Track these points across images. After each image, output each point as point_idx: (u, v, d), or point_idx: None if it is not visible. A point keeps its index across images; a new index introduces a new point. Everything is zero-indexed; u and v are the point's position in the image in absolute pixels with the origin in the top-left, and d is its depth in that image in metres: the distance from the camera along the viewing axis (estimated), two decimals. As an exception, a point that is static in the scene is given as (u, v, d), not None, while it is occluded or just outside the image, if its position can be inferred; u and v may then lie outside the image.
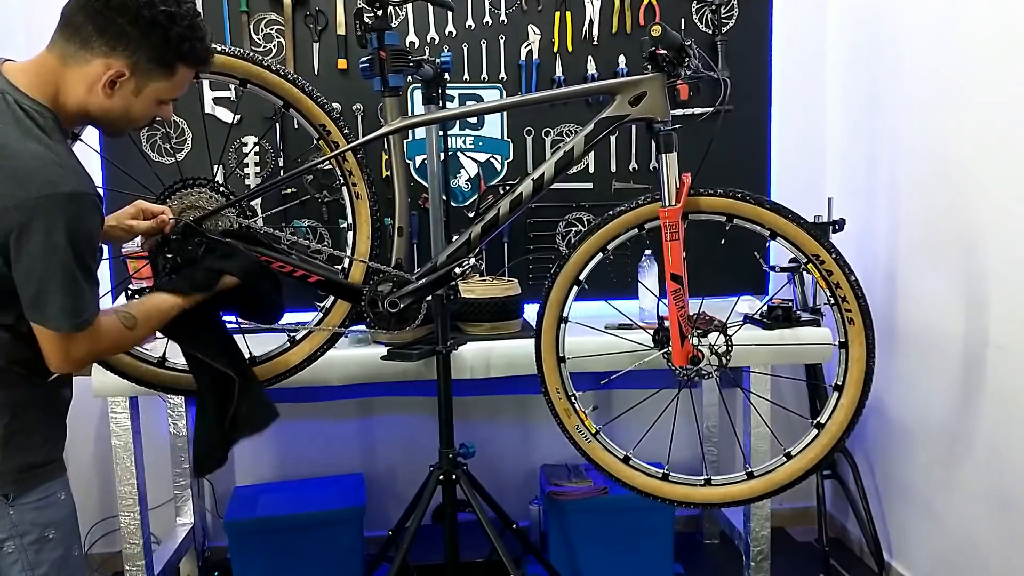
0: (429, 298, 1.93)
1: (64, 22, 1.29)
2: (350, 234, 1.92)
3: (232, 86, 1.95)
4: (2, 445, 1.32)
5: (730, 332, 1.80)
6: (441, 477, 2.13)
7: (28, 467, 1.34)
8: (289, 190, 2.65)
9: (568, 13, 2.74)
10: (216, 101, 2.63)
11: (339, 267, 1.91)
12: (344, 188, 1.88)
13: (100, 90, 1.30)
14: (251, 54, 1.77)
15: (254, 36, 2.63)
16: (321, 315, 1.93)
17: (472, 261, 1.82)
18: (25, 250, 1.21)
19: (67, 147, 1.31)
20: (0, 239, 1.21)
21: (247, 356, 1.85)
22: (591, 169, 2.81)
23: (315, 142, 1.87)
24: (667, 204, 1.73)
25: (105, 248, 1.52)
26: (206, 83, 2.58)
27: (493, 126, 2.78)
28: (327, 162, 1.86)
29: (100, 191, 1.34)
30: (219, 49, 1.68)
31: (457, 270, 1.81)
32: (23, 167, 1.21)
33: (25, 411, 1.34)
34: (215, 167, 2.52)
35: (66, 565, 1.37)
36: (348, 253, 1.91)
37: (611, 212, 1.82)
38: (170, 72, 1.35)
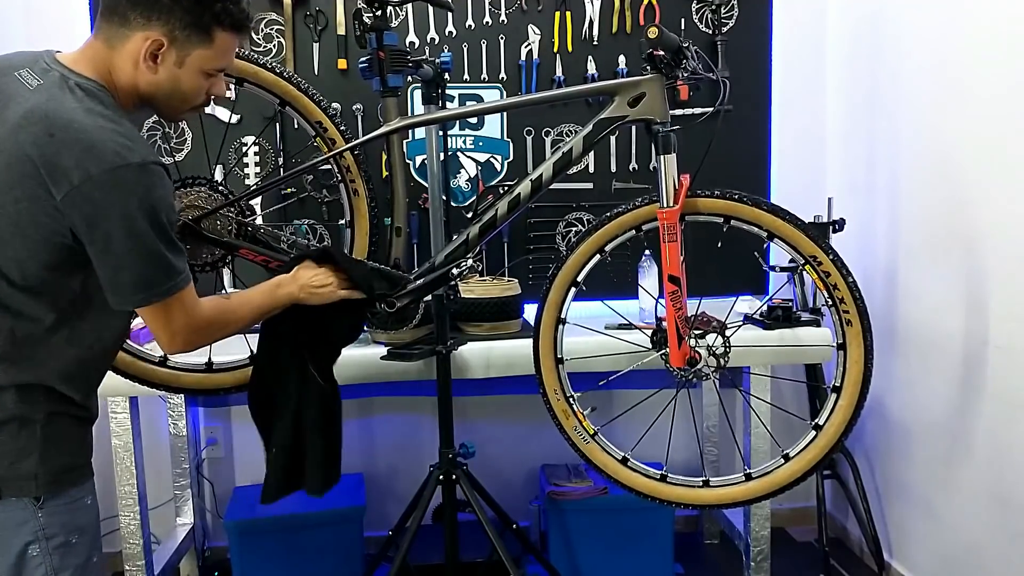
0: (428, 298, 1.93)
1: (103, 6, 1.31)
2: (348, 232, 1.93)
3: (229, 85, 1.95)
4: (39, 449, 1.30)
5: (728, 333, 1.80)
6: (441, 477, 2.13)
7: (62, 469, 1.33)
8: (289, 189, 2.65)
9: (568, 13, 2.74)
10: (216, 101, 2.62)
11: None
12: (342, 185, 1.89)
13: (144, 65, 1.30)
14: (247, 52, 1.78)
15: (254, 36, 2.63)
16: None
17: (470, 262, 1.82)
18: (102, 227, 1.21)
19: (130, 122, 1.30)
20: (73, 215, 1.21)
21: (248, 354, 1.86)
22: (591, 169, 2.81)
23: (312, 139, 1.87)
24: (665, 205, 1.73)
25: None
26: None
27: (493, 126, 2.78)
28: (325, 160, 1.86)
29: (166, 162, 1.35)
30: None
31: (455, 271, 1.81)
32: (93, 140, 1.20)
33: (60, 417, 1.33)
34: (214, 166, 2.52)
35: (87, 572, 1.36)
36: (346, 251, 1.91)
37: (609, 214, 1.82)
38: (208, 38, 1.34)
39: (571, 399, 1.93)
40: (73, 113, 1.22)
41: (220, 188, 1.73)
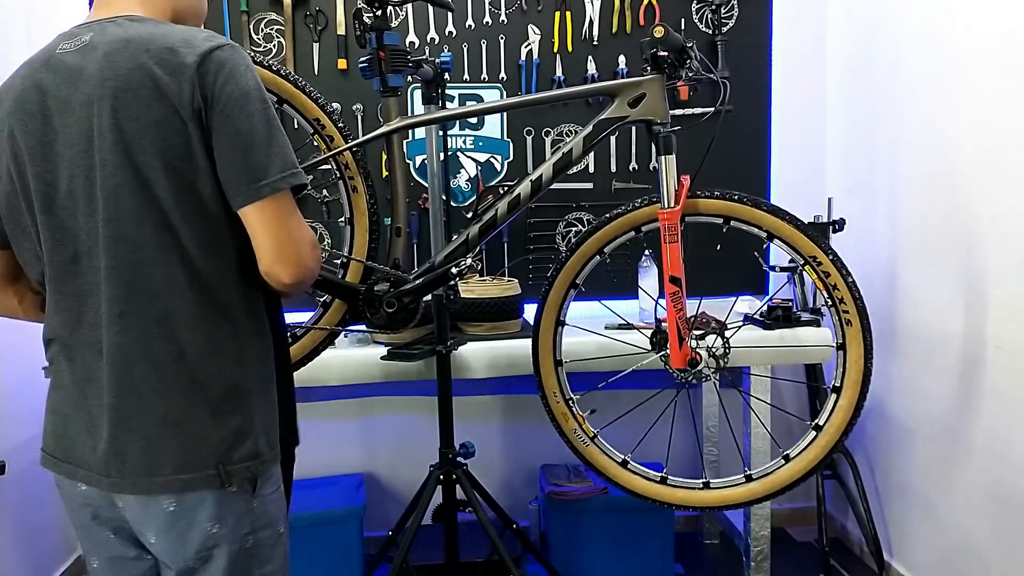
0: (428, 298, 1.93)
1: None
2: (347, 229, 1.92)
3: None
4: (259, 421, 1.27)
5: (728, 334, 1.80)
6: (441, 477, 2.13)
7: (270, 446, 1.29)
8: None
9: (568, 13, 2.74)
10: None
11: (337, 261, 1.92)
12: (340, 182, 1.88)
13: None
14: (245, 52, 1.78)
15: (254, 36, 2.63)
16: (318, 314, 1.93)
17: (469, 261, 1.82)
18: (228, 104, 1.16)
19: None
20: (184, 104, 1.15)
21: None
22: (591, 169, 2.81)
23: (310, 136, 1.87)
24: (666, 206, 1.72)
25: None
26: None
27: (493, 126, 2.78)
28: (325, 160, 1.86)
29: None
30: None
31: (454, 270, 1.81)
32: (183, 35, 1.19)
33: (271, 385, 1.31)
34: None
35: (286, 564, 1.34)
36: (346, 251, 1.91)
37: (609, 215, 1.82)
38: None
39: (570, 401, 1.92)
40: (145, 29, 1.20)
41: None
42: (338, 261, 1.91)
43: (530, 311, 2.23)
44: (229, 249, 1.23)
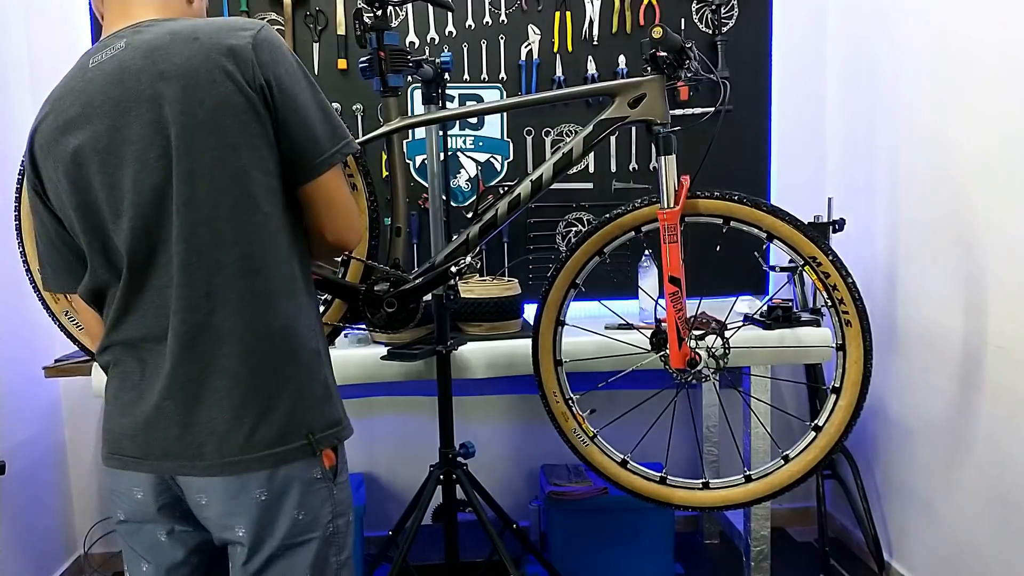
0: (428, 298, 1.93)
1: None
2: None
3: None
4: (333, 387, 1.31)
5: (728, 334, 1.80)
6: (441, 477, 2.13)
7: (345, 414, 1.33)
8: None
9: (568, 13, 2.74)
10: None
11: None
12: None
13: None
14: None
15: (254, 36, 2.63)
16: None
17: (468, 259, 1.82)
18: (285, 79, 1.20)
19: None
20: (249, 83, 1.17)
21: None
22: (591, 169, 2.81)
23: None
24: (666, 206, 1.72)
25: None
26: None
27: (493, 126, 2.78)
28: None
29: None
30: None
31: (453, 268, 1.81)
32: (219, 22, 1.22)
33: (328, 359, 1.34)
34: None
35: (352, 551, 1.35)
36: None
37: (609, 215, 1.82)
38: None
39: (570, 401, 1.93)
40: (182, 23, 1.22)
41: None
42: (338, 259, 1.91)
43: (530, 311, 2.23)
44: (296, 222, 1.27)
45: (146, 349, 1.23)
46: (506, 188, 1.82)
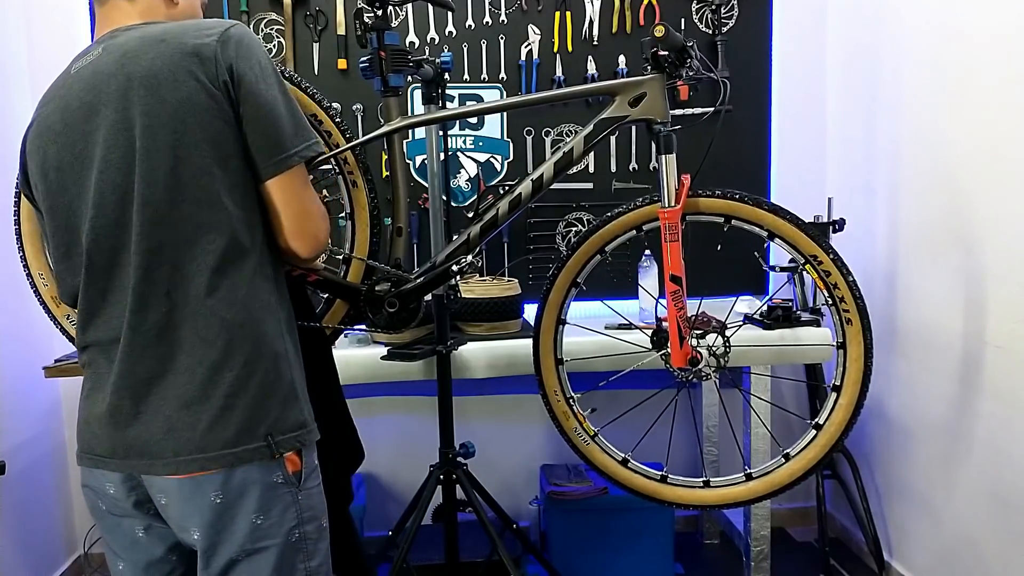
0: (428, 298, 1.92)
1: None
2: (348, 226, 1.92)
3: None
4: (300, 389, 1.30)
5: (729, 333, 1.80)
6: (441, 477, 2.13)
7: (311, 418, 1.31)
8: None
9: (568, 13, 2.74)
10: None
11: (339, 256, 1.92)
12: (340, 178, 1.88)
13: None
14: None
15: (254, 36, 2.63)
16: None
17: (469, 258, 1.82)
18: (249, 77, 1.21)
19: None
20: (212, 81, 1.19)
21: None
22: (591, 169, 2.81)
23: None
24: (666, 205, 1.73)
25: None
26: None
27: (493, 126, 2.78)
28: (326, 159, 1.85)
29: None
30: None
31: (454, 267, 1.81)
32: (189, 23, 1.24)
33: (300, 358, 1.33)
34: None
35: (329, 558, 1.34)
36: (347, 248, 1.90)
37: (609, 214, 1.82)
38: None
39: (571, 400, 1.93)
40: (153, 27, 1.24)
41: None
42: (339, 258, 1.91)
43: (530, 311, 2.23)
44: (260, 221, 1.26)
45: (112, 349, 1.23)
46: (507, 188, 1.82)
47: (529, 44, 2.74)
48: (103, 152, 1.19)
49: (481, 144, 2.78)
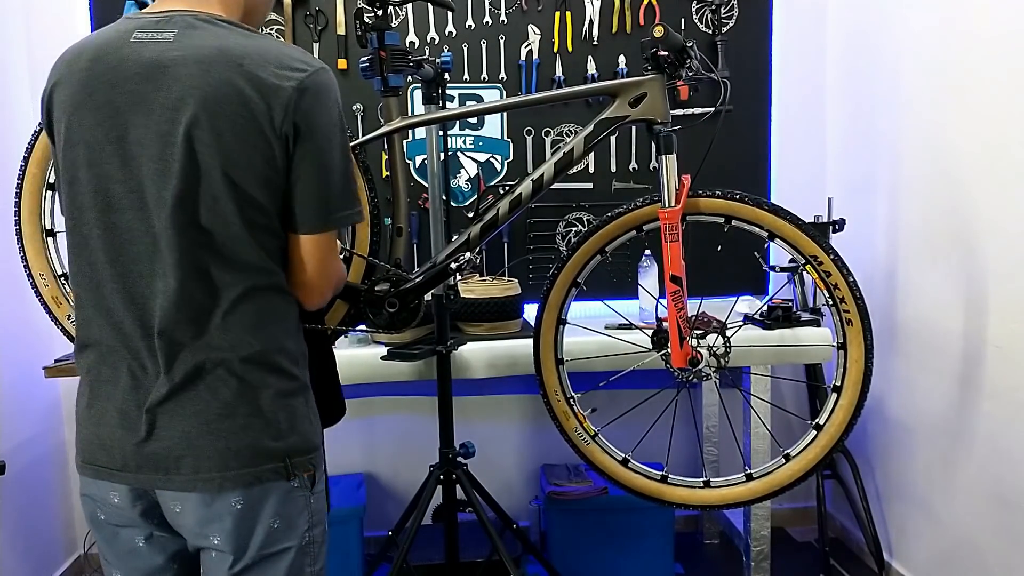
0: (428, 297, 1.92)
1: None
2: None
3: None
4: (309, 415, 1.30)
5: (729, 333, 1.80)
6: (441, 477, 2.13)
7: (322, 439, 1.32)
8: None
9: (568, 13, 2.74)
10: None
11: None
12: None
13: None
14: None
15: (254, 36, 2.63)
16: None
17: (468, 255, 1.82)
18: (315, 133, 1.19)
19: None
20: (274, 127, 1.16)
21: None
22: (591, 169, 2.81)
23: None
24: (667, 205, 1.72)
25: None
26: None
27: (493, 126, 2.78)
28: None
29: None
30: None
31: (453, 265, 1.81)
32: (274, 50, 1.19)
33: (308, 379, 1.33)
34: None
35: (326, 563, 1.35)
36: (348, 245, 1.90)
37: (610, 214, 1.82)
38: None
39: (571, 400, 1.93)
40: (236, 40, 1.18)
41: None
42: (340, 256, 1.90)
43: (530, 311, 2.23)
44: (281, 259, 1.25)
45: (118, 356, 1.21)
46: (507, 188, 1.82)
47: (529, 44, 2.74)
48: (144, 157, 1.15)
49: (481, 144, 2.78)
